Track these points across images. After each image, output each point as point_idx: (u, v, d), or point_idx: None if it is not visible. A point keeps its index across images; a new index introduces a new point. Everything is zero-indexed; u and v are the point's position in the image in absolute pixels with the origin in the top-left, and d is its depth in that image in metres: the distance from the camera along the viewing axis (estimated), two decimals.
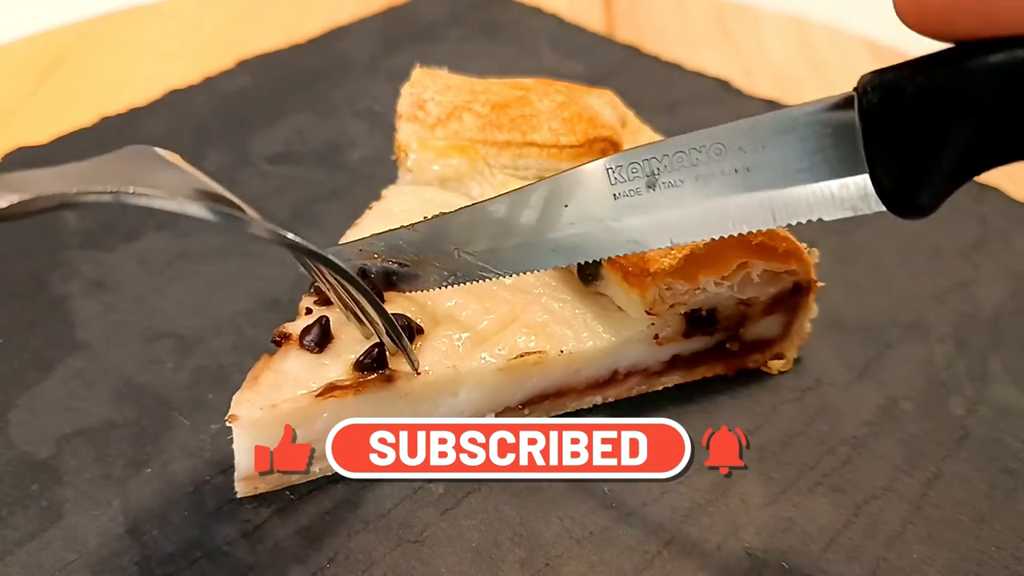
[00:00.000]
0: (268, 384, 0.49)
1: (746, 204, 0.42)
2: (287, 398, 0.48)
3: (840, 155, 0.39)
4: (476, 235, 0.49)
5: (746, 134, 0.41)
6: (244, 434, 0.48)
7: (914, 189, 0.38)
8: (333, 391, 0.49)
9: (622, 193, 0.44)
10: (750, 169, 0.41)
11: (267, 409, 0.48)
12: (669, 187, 0.43)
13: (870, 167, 0.38)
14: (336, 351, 0.50)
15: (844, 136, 0.39)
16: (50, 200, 0.33)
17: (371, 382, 0.49)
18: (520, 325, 0.54)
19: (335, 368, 0.50)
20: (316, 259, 0.45)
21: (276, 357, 0.50)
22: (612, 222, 0.45)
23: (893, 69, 0.37)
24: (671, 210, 0.43)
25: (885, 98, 0.37)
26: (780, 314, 0.58)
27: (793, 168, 0.40)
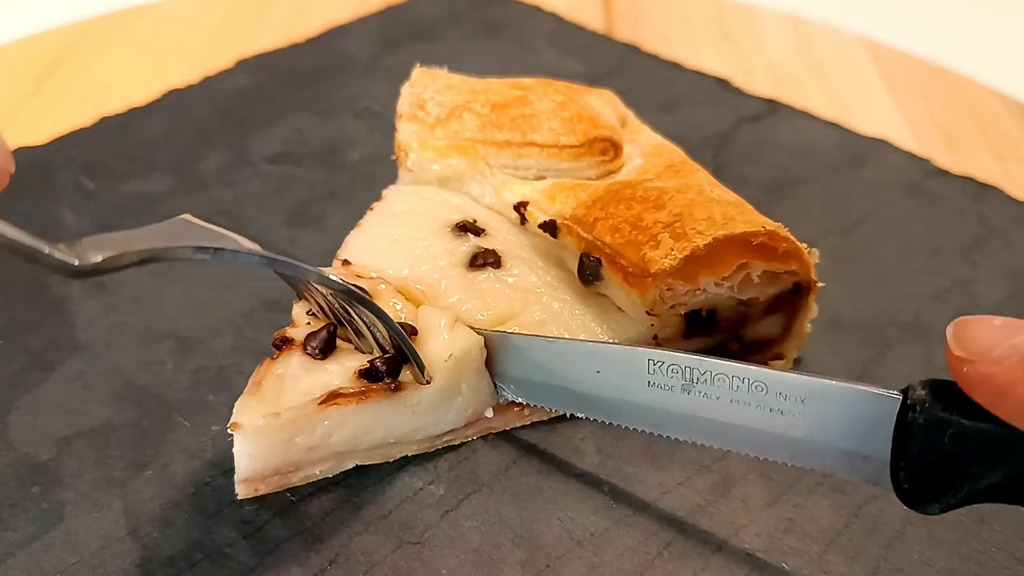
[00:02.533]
0: (270, 390, 0.49)
1: (770, 438, 0.45)
2: (290, 406, 0.48)
3: (869, 441, 0.42)
4: (507, 359, 0.52)
5: (790, 385, 0.44)
6: (246, 440, 0.48)
7: (929, 500, 0.40)
8: (336, 399, 0.48)
9: (656, 384, 0.47)
10: (784, 413, 0.44)
11: (270, 417, 0.47)
12: (703, 397, 0.46)
13: (893, 464, 0.41)
14: (340, 359, 0.50)
15: (878, 429, 0.41)
16: (135, 256, 0.36)
17: (376, 391, 0.49)
18: (517, 322, 0.54)
19: (338, 376, 0.50)
20: (342, 291, 0.47)
21: (278, 362, 0.50)
22: (640, 401, 0.48)
23: (942, 393, 0.39)
24: (699, 413, 0.47)
25: (928, 424, 0.39)
26: (780, 314, 0.58)
27: (824, 430, 0.43)
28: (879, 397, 0.41)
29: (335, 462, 0.51)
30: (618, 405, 0.49)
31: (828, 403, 0.43)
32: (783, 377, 0.44)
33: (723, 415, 0.46)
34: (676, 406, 0.47)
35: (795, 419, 0.44)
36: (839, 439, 0.43)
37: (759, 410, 0.45)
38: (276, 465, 0.49)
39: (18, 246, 0.33)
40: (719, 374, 0.45)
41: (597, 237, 0.54)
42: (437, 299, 0.54)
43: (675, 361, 0.46)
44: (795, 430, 0.44)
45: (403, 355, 0.49)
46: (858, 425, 0.42)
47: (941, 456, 0.39)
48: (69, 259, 0.34)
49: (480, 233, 0.58)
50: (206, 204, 0.73)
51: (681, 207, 0.53)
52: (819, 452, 0.44)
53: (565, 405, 0.52)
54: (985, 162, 0.84)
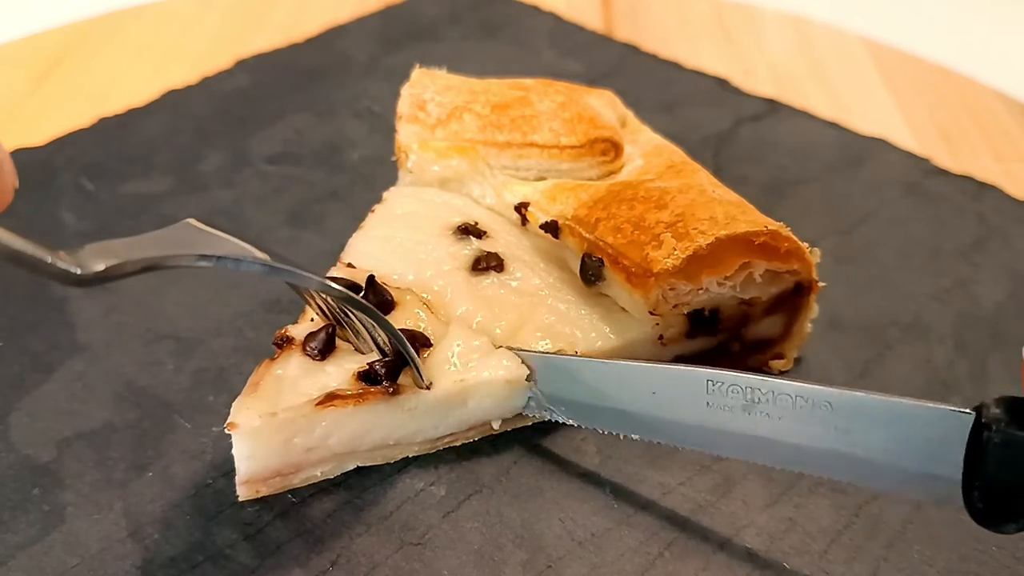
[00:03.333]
0: (268, 390, 0.49)
1: (836, 458, 0.44)
2: (286, 406, 0.48)
3: (941, 461, 0.41)
4: (555, 379, 0.52)
5: (854, 402, 0.43)
6: (244, 441, 0.48)
7: (1005, 520, 0.40)
8: (334, 400, 0.48)
9: (716, 404, 0.46)
10: (850, 433, 0.43)
11: (266, 417, 0.47)
12: (765, 416, 0.45)
13: (966, 485, 0.40)
14: (338, 360, 0.50)
15: (950, 448, 0.40)
16: (137, 264, 0.36)
17: (374, 393, 0.49)
18: (532, 328, 0.54)
19: (337, 377, 0.50)
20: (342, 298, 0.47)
21: (277, 362, 0.50)
22: (699, 422, 0.47)
23: (1018, 411, 0.38)
24: (761, 434, 0.46)
25: (1005, 443, 0.38)
26: (781, 314, 0.58)
27: (893, 450, 0.42)
28: (951, 415, 0.40)
29: (335, 463, 0.51)
30: (675, 427, 0.48)
31: (898, 422, 0.41)
32: (848, 396, 0.43)
33: (786, 436, 0.45)
34: (737, 427, 0.46)
35: (862, 439, 0.42)
36: (909, 459, 0.41)
37: (824, 430, 0.43)
38: (276, 466, 0.49)
39: (19, 255, 0.33)
40: (781, 394, 0.44)
41: (599, 238, 0.54)
42: (444, 308, 0.54)
43: (735, 381, 0.45)
44: (862, 450, 0.43)
45: (403, 359, 0.49)
46: (929, 444, 0.41)
47: (1017, 475, 0.38)
48: (71, 268, 0.34)
49: (482, 236, 0.58)
50: (206, 205, 0.73)
51: (683, 207, 0.53)
52: (888, 473, 0.43)
53: (619, 427, 0.51)
54: (985, 162, 0.84)
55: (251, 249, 0.41)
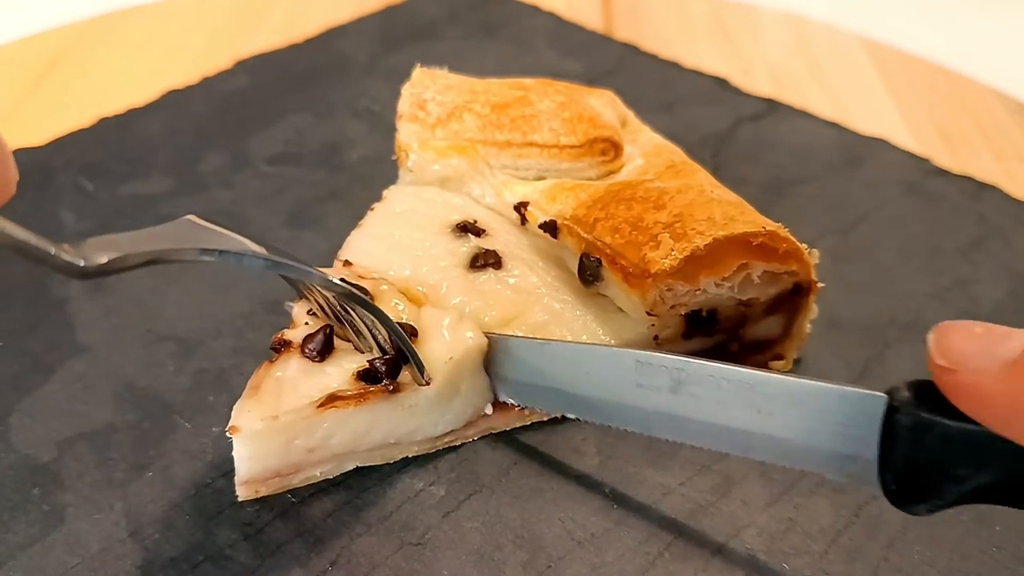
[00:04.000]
0: (268, 393, 0.49)
1: (758, 439, 0.45)
2: (288, 409, 0.48)
3: (856, 442, 0.42)
4: (503, 361, 0.53)
5: (776, 386, 0.44)
6: (245, 443, 0.48)
7: (916, 501, 0.40)
8: (335, 401, 0.49)
9: (645, 384, 0.48)
10: (771, 414, 0.44)
11: (268, 420, 0.47)
12: (691, 397, 0.46)
13: (880, 466, 0.41)
14: (338, 360, 0.50)
15: (865, 430, 0.41)
16: (140, 257, 0.36)
17: (374, 393, 0.49)
18: (520, 324, 0.54)
19: (336, 378, 0.50)
20: (343, 293, 0.47)
21: (276, 364, 0.50)
22: (630, 402, 0.49)
23: (928, 394, 0.39)
24: (688, 414, 0.47)
25: (913, 425, 0.39)
26: (780, 315, 0.58)
27: (811, 431, 0.43)
28: (865, 398, 0.41)
29: (335, 463, 0.51)
30: (609, 407, 0.49)
31: (814, 404, 0.43)
32: (769, 378, 0.44)
33: (711, 416, 0.46)
34: (665, 407, 0.47)
35: (782, 420, 0.44)
36: (826, 440, 0.43)
37: (746, 411, 0.44)
38: (276, 467, 0.49)
39: (24, 246, 0.33)
40: (706, 375, 0.45)
41: (597, 237, 0.54)
42: (439, 301, 0.54)
43: (662, 363, 0.46)
44: (782, 431, 0.44)
45: (403, 356, 0.49)
46: (845, 426, 0.42)
47: (927, 457, 0.39)
48: (75, 260, 0.34)
49: (480, 234, 0.58)
50: (206, 205, 0.73)
51: (681, 207, 0.53)
52: (806, 453, 0.44)
53: (557, 407, 0.53)
54: (984, 161, 0.84)
55: (252, 245, 0.41)
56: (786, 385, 0.43)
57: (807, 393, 0.43)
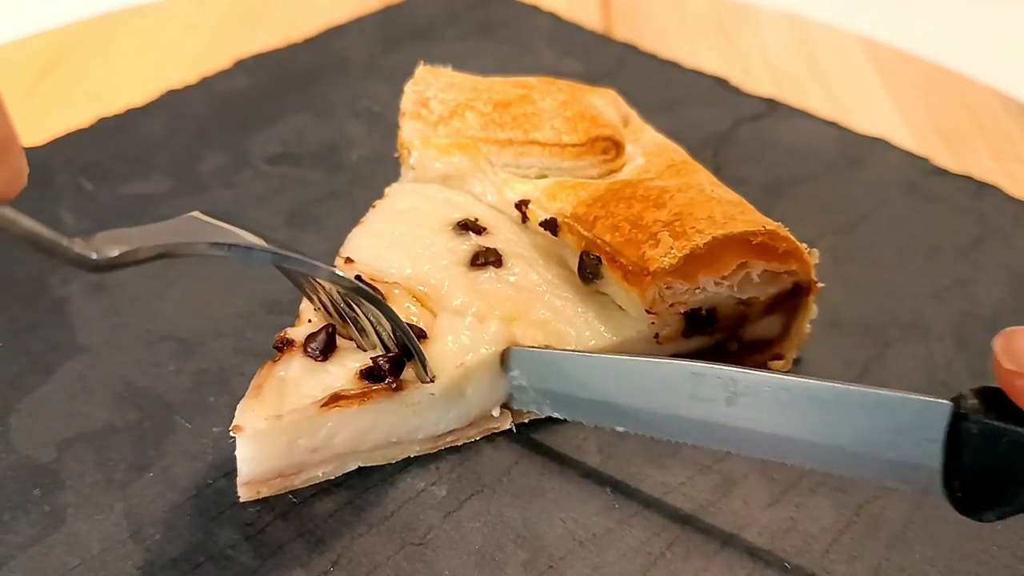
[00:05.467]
0: (272, 392, 0.49)
1: (819, 449, 0.44)
2: (291, 408, 0.48)
3: (920, 451, 0.41)
4: (542, 372, 0.52)
5: (837, 395, 0.43)
6: (248, 443, 0.48)
7: (984, 508, 0.40)
8: (338, 401, 0.48)
9: (700, 396, 0.47)
10: (831, 424, 0.43)
11: (271, 420, 0.47)
12: (746, 408, 0.46)
13: (945, 474, 0.40)
14: (340, 359, 0.50)
15: (929, 438, 0.41)
16: (151, 250, 0.36)
17: (378, 391, 0.49)
18: (524, 322, 0.54)
19: (340, 377, 0.50)
20: (351, 288, 0.47)
21: (279, 364, 0.50)
22: (684, 414, 0.48)
23: (995, 401, 0.38)
24: (744, 425, 0.46)
25: (982, 433, 0.39)
26: (780, 314, 0.58)
27: (871, 439, 0.43)
28: (929, 405, 0.40)
29: (337, 463, 0.51)
30: (661, 419, 0.49)
31: (876, 413, 0.42)
32: (830, 388, 0.43)
33: (768, 427, 0.45)
34: (721, 419, 0.46)
35: (843, 430, 0.43)
36: (888, 449, 0.42)
37: (805, 421, 0.44)
38: (278, 467, 0.49)
39: (37, 238, 0.33)
40: (763, 386, 0.45)
41: (597, 235, 0.54)
42: (440, 300, 0.54)
43: (717, 374, 0.46)
44: (843, 440, 0.43)
45: (407, 353, 0.49)
46: (908, 434, 0.41)
47: (995, 464, 0.38)
48: (87, 252, 0.34)
49: (481, 232, 0.58)
50: (206, 205, 0.71)
51: (681, 206, 0.53)
52: (868, 462, 0.43)
53: (606, 420, 0.52)
54: (984, 161, 0.84)
55: (259, 240, 0.41)
56: (847, 394, 0.43)
57: (868, 402, 0.42)
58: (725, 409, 0.46)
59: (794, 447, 0.45)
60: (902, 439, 0.41)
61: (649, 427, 0.50)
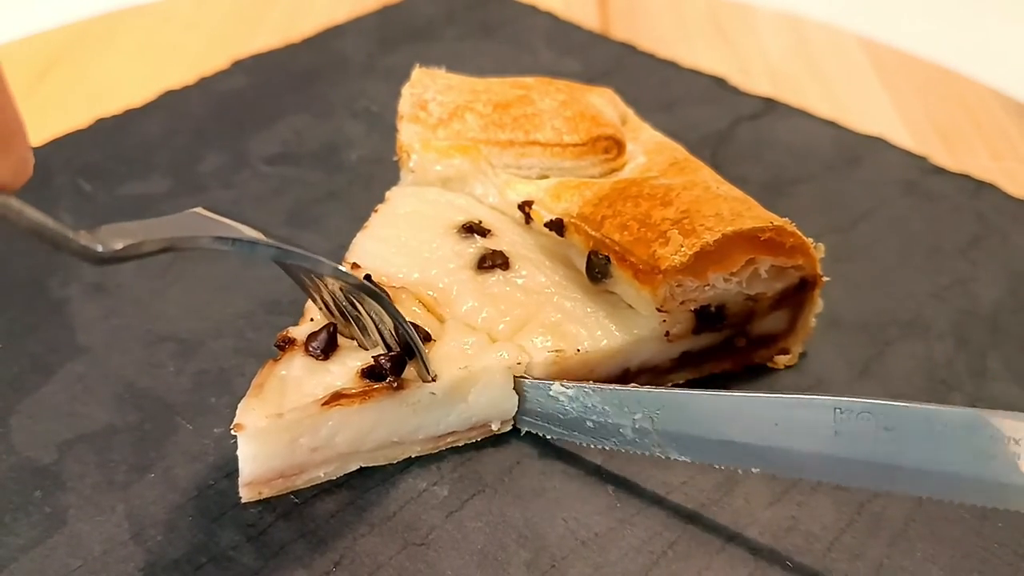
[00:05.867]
0: (273, 391, 0.49)
1: (981, 485, 0.42)
2: (293, 407, 0.48)
3: None
4: (672, 416, 0.50)
5: (1004, 426, 0.41)
6: (250, 442, 0.48)
7: None
8: (339, 399, 0.48)
9: (845, 432, 0.45)
10: (995, 457, 0.41)
11: (273, 418, 0.47)
12: (899, 443, 0.43)
13: None
14: (341, 358, 0.50)
15: None
16: (155, 244, 0.37)
17: (379, 390, 0.49)
18: (536, 325, 0.54)
19: (341, 376, 0.50)
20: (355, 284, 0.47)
21: (280, 363, 0.50)
22: (827, 452, 0.45)
23: None
24: (896, 462, 0.44)
25: None
26: (786, 309, 0.58)
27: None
28: None
29: (339, 463, 0.51)
30: (801, 458, 0.46)
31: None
32: (994, 418, 0.41)
33: (926, 459, 0.43)
34: (869, 455, 0.44)
35: (1008, 462, 0.40)
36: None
37: (967, 454, 0.41)
38: (280, 467, 0.49)
39: (43, 230, 0.34)
40: (922, 419, 0.42)
41: (606, 235, 0.54)
42: (450, 305, 0.54)
43: (865, 408, 0.44)
44: (1012, 475, 0.41)
45: (409, 352, 0.49)
46: None
47: None
48: (93, 245, 0.35)
49: (486, 234, 0.58)
50: (205, 205, 0.71)
51: (688, 204, 0.54)
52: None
53: (739, 461, 0.49)
54: (982, 160, 0.84)
55: (262, 236, 0.41)
56: (1015, 424, 0.40)
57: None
58: (874, 445, 0.44)
59: (954, 482, 0.43)
60: None
61: (790, 468, 0.47)
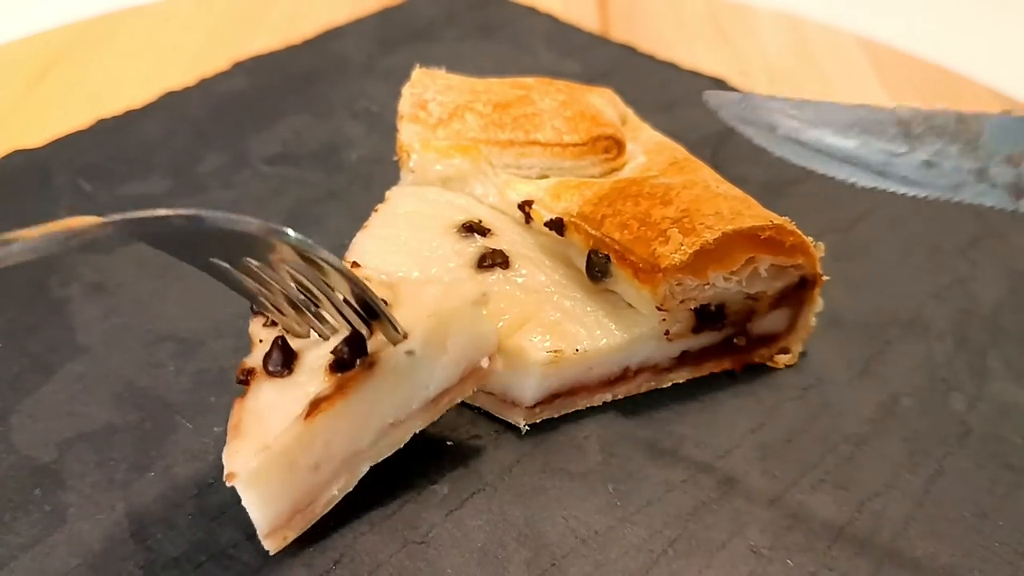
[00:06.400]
0: (251, 427, 0.45)
1: None
2: (276, 434, 0.45)
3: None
4: None
5: None
6: (249, 487, 0.45)
7: None
8: (319, 405, 0.45)
9: None
10: None
11: (261, 454, 0.44)
12: None
13: None
14: (304, 365, 0.47)
15: None
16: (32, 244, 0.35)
17: (353, 377, 0.46)
18: (535, 325, 0.54)
19: (311, 382, 0.46)
20: (293, 244, 0.42)
21: (248, 396, 0.47)
22: None
23: None
24: None
25: None
26: (786, 308, 0.58)
27: None
28: None
29: (347, 472, 0.49)
30: None
31: None
32: None
33: None
34: None
35: None
36: None
37: None
38: (291, 501, 0.47)
39: None
40: None
41: (606, 234, 0.54)
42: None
43: None
44: None
45: (371, 314, 0.46)
46: None
47: None
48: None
49: (486, 233, 0.59)
50: (205, 205, 0.72)
51: (688, 203, 0.54)
52: None
53: None
54: None
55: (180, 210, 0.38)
56: None
57: None
58: None
59: None
60: None
61: None
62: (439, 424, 0.55)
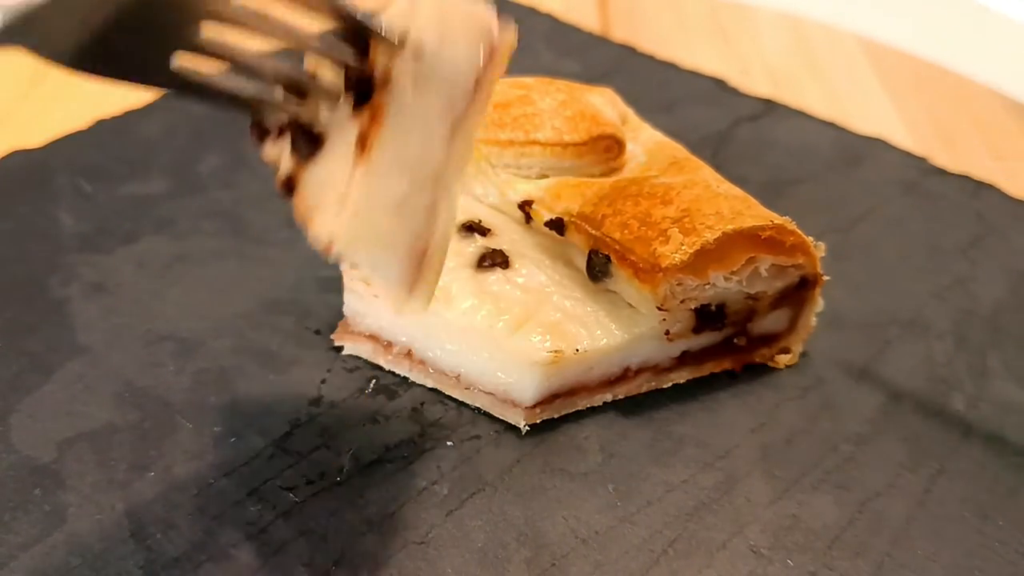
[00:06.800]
0: (322, 202, 0.42)
1: None
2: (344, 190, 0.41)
3: None
4: None
5: None
6: (351, 246, 0.41)
7: None
8: (366, 143, 0.41)
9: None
10: None
11: (342, 210, 0.40)
12: None
13: None
14: (331, 130, 0.42)
15: None
16: None
17: (378, 102, 0.41)
18: (535, 325, 0.54)
19: (346, 133, 0.41)
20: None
21: (299, 191, 0.43)
22: None
23: None
24: None
25: None
26: (787, 308, 0.58)
27: None
28: None
29: (442, 199, 0.44)
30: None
31: None
32: None
33: None
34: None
35: None
36: None
37: None
38: (404, 247, 0.43)
39: None
40: None
41: (606, 234, 0.54)
42: (449, 303, 0.54)
43: None
44: None
45: (365, 35, 0.41)
46: None
47: None
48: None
49: (486, 233, 0.58)
50: (205, 206, 0.72)
51: (688, 202, 0.54)
52: None
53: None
54: (982, 160, 0.84)
55: None
56: None
57: None
58: None
59: None
60: None
61: None
62: (439, 424, 0.55)
